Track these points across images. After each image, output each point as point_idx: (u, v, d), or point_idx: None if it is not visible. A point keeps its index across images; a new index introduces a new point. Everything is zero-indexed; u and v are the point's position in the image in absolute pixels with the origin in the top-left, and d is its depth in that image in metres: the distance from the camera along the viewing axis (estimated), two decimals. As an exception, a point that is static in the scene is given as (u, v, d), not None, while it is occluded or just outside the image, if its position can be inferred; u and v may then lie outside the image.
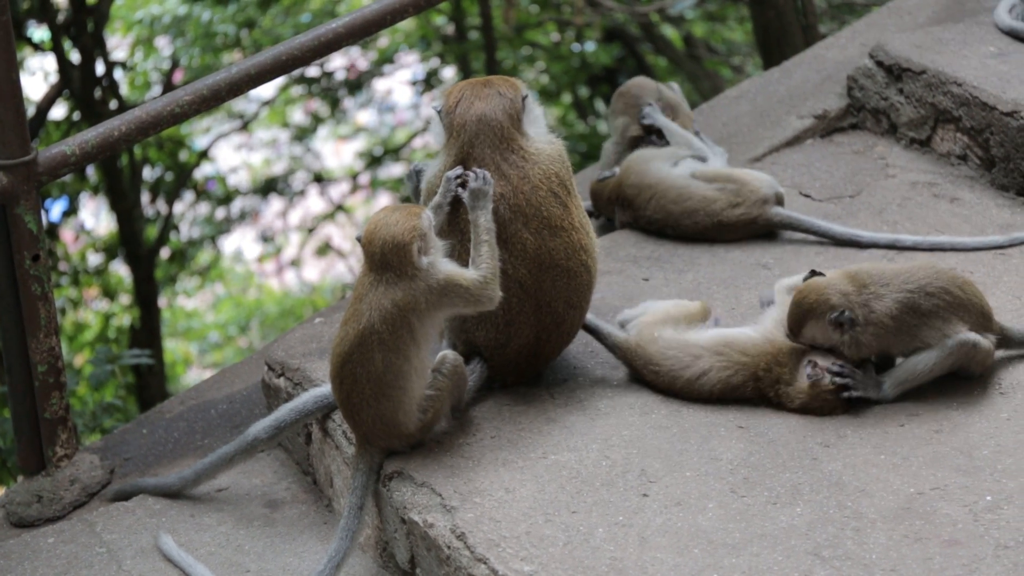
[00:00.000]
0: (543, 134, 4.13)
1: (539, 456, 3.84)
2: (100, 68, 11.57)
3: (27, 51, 12.12)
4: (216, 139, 14.84)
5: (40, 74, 12.82)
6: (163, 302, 14.46)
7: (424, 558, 3.71)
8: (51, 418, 4.51)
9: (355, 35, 5.00)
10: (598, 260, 4.18)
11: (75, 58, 11.30)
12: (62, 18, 11.35)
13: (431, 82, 14.18)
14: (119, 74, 12.71)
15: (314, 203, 16.12)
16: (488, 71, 11.75)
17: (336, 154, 16.99)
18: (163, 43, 13.94)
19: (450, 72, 14.16)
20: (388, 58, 14.09)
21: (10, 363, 4.46)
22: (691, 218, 5.01)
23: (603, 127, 13.05)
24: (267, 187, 15.18)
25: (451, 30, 13.70)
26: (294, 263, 16.69)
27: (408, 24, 13.45)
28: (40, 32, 12.27)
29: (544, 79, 13.54)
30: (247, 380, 5.10)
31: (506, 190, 3.97)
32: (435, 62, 14.22)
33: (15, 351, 4.45)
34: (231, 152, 16.05)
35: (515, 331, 4.05)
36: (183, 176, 13.69)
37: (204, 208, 14.93)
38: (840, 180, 5.36)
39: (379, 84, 15.26)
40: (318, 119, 15.26)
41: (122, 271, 13.81)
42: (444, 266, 3.82)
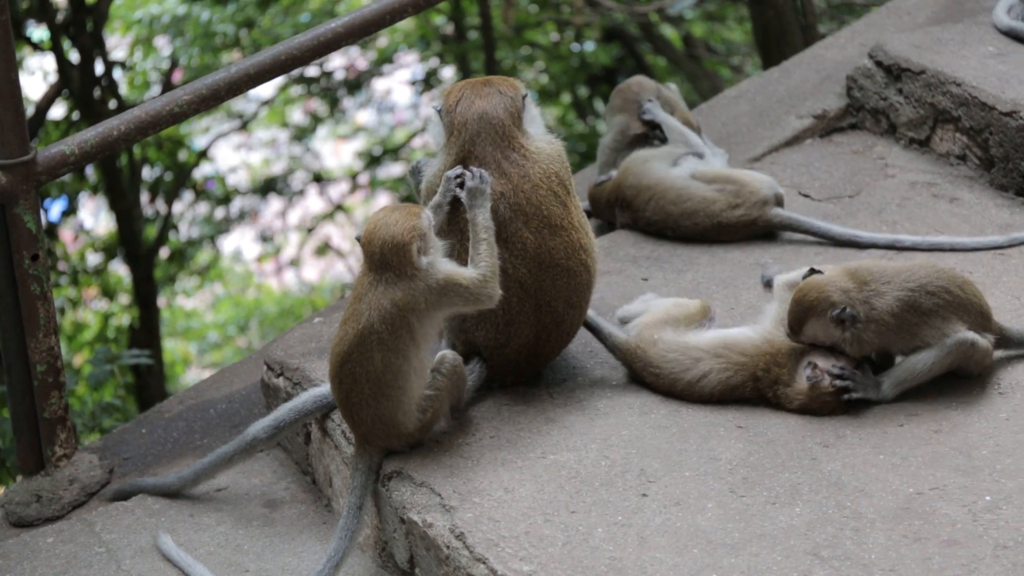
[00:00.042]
0: (542, 133, 4.13)
1: (538, 456, 3.84)
2: (99, 68, 11.57)
3: (26, 51, 12.12)
4: (215, 139, 14.85)
5: (39, 74, 12.82)
6: (162, 302, 14.45)
7: (423, 558, 3.71)
8: (50, 418, 4.51)
9: (354, 35, 5.00)
10: (597, 260, 4.18)
11: (74, 58, 11.29)
12: (61, 18, 11.35)
13: (430, 82, 14.18)
14: (118, 74, 12.71)
15: (313, 203, 16.12)
16: (487, 71, 11.74)
17: (335, 154, 16.99)
18: (162, 43, 13.94)
19: (449, 72, 14.16)
20: (387, 58, 14.09)
21: (9, 363, 4.46)
22: (691, 219, 5.01)
23: (602, 127, 13.02)
24: (266, 187, 15.19)
25: (450, 30, 13.70)
26: (293, 263, 16.68)
27: (407, 24, 13.45)
28: (39, 32, 12.27)
29: (543, 79, 13.54)
30: (246, 380, 5.10)
31: (506, 189, 3.97)
32: (434, 62, 14.22)
33: (14, 351, 4.44)
34: (230, 152, 16.04)
35: (515, 331, 4.04)
36: (182, 176, 13.69)
37: (203, 208, 14.93)
38: (839, 180, 5.36)
39: (378, 84, 15.26)
40: (317, 119, 15.26)
41: (121, 271, 13.80)
42: (443, 266, 3.81)
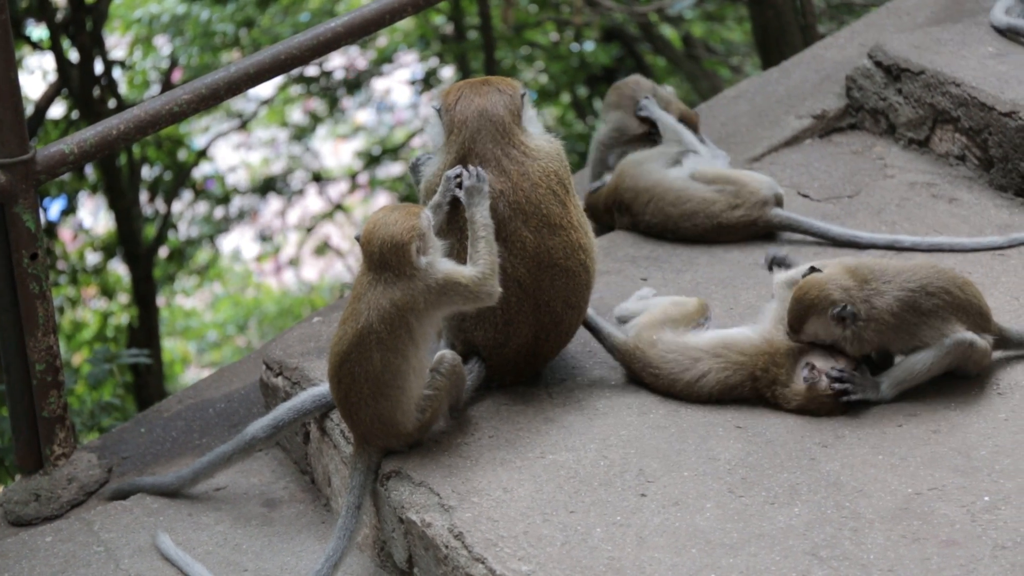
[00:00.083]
0: (541, 132, 4.13)
1: (537, 456, 3.84)
2: (99, 67, 11.57)
3: (26, 50, 12.12)
4: (215, 138, 14.86)
5: (39, 73, 12.82)
6: (161, 301, 14.46)
7: (422, 557, 3.71)
8: (49, 417, 4.51)
9: (354, 34, 5.00)
10: (597, 260, 4.18)
11: (74, 57, 11.29)
12: (61, 17, 11.35)
13: (430, 81, 14.18)
14: (118, 73, 12.72)
15: (313, 202, 16.13)
16: (487, 71, 11.74)
17: (335, 153, 17.00)
18: (162, 42, 13.94)
19: (449, 72, 14.16)
20: (387, 57, 14.09)
21: (8, 362, 4.46)
22: (691, 220, 5.01)
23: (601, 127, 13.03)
24: (266, 186, 15.20)
25: (450, 29, 13.70)
26: (292, 262, 16.69)
27: (407, 23, 13.46)
28: (39, 31, 12.27)
29: (543, 79, 13.54)
30: (245, 379, 5.10)
31: (505, 187, 3.96)
32: (434, 61, 14.22)
33: (13, 350, 4.44)
34: (230, 151, 16.05)
35: (513, 331, 4.04)
36: (182, 175, 13.69)
37: (202, 207, 14.94)
38: (839, 180, 5.36)
39: (378, 83, 15.27)
40: (317, 118, 15.27)
41: (120, 270, 13.81)
42: (442, 265, 3.81)
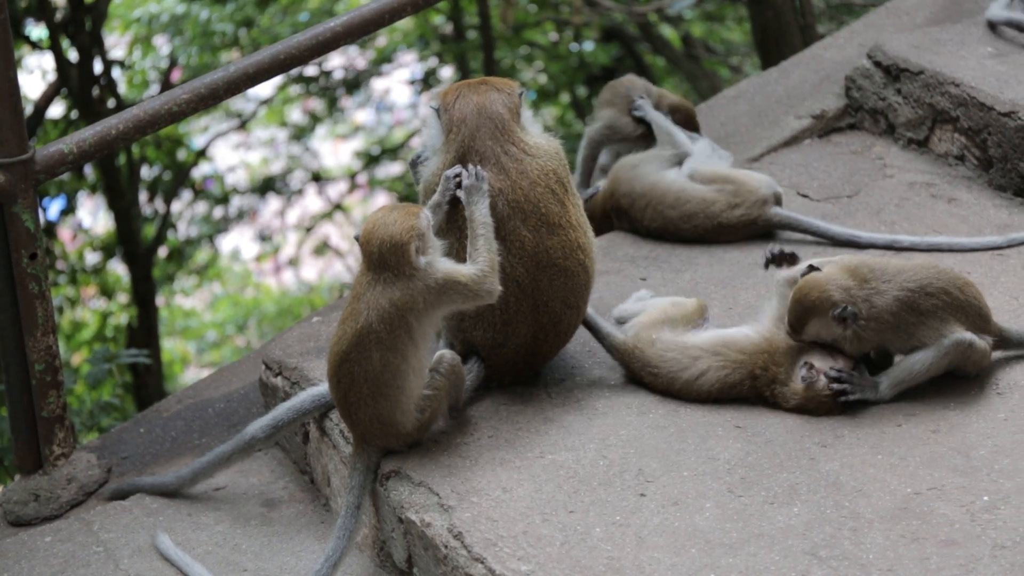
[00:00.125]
0: (539, 132, 4.13)
1: (536, 456, 3.84)
2: (98, 67, 11.56)
3: (25, 49, 12.12)
4: (214, 138, 14.85)
5: (38, 72, 12.82)
6: (161, 301, 14.45)
7: (421, 557, 3.71)
8: (48, 417, 4.50)
9: (353, 34, 5.00)
10: (596, 260, 4.18)
11: (73, 56, 11.29)
12: (60, 16, 11.34)
13: (429, 81, 14.18)
14: (117, 73, 12.71)
15: (312, 202, 16.13)
16: (486, 71, 11.74)
17: (334, 153, 17.00)
18: (161, 42, 13.94)
19: (448, 71, 14.16)
20: (386, 57, 14.09)
21: (7, 361, 4.46)
22: (690, 222, 5.01)
23: (601, 127, 13.03)
24: (265, 186, 15.19)
25: (449, 29, 13.70)
26: (292, 262, 16.69)
27: (406, 23, 13.45)
28: (38, 30, 12.27)
29: (542, 79, 13.54)
30: (245, 379, 5.09)
31: (504, 185, 3.96)
32: (433, 61, 14.22)
33: (12, 349, 4.44)
34: (229, 151, 16.05)
35: (512, 330, 4.04)
36: (181, 175, 13.69)
37: (202, 207, 14.94)
38: (838, 180, 5.36)
39: (377, 83, 15.27)
40: (316, 118, 15.27)
41: (120, 270, 13.80)
42: (442, 265, 3.81)
